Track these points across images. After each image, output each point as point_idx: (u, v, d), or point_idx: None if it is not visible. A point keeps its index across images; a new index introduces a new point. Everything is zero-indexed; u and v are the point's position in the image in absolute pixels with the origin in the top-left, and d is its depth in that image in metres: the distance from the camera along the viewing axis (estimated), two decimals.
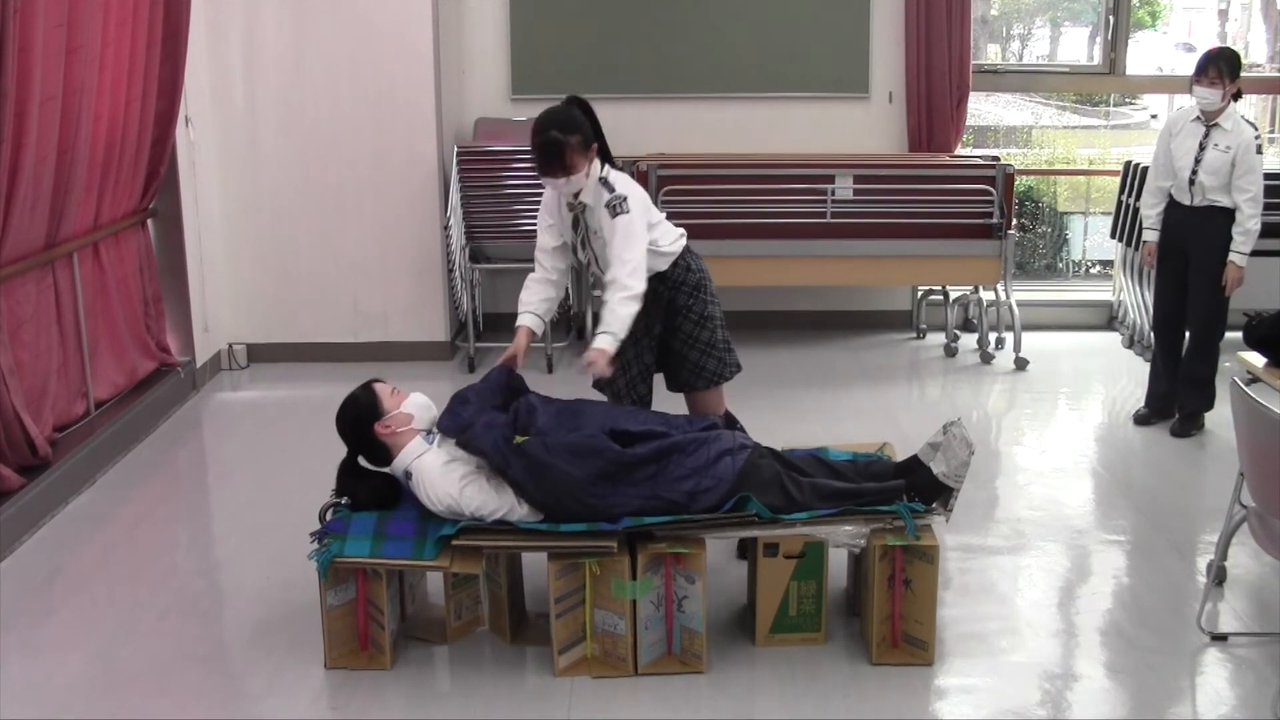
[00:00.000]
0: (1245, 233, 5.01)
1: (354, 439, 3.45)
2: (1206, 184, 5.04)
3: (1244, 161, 4.97)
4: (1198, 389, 5.27)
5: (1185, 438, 5.22)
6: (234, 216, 6.28)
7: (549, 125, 3.64)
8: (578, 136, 3.63)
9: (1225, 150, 4.99)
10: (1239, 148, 4.97)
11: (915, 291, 7.02)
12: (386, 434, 3.40)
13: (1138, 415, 5.44)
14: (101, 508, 4.60)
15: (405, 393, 3.50)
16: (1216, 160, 5.01)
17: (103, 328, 5.22)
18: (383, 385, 3.49)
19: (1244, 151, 4.97)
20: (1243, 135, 4.99)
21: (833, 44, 6.77)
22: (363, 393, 3.47)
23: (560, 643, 3.34)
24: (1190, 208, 5.11)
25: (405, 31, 6.13)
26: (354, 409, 3.44)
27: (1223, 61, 4.94)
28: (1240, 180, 4.97)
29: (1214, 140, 5.02)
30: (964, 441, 3.39)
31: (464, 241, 6.22)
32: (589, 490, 3.25)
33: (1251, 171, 4.98)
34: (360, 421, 3.41)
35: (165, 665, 3.43)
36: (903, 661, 3.38)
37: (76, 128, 4.63)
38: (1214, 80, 4.94)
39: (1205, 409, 5.30)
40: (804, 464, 3.52)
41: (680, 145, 6.74)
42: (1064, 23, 8.10)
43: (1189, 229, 5.14)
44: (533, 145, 3.66)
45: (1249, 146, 4.98)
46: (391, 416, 3.41)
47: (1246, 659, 3.43)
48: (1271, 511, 3.21)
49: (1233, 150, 4.98)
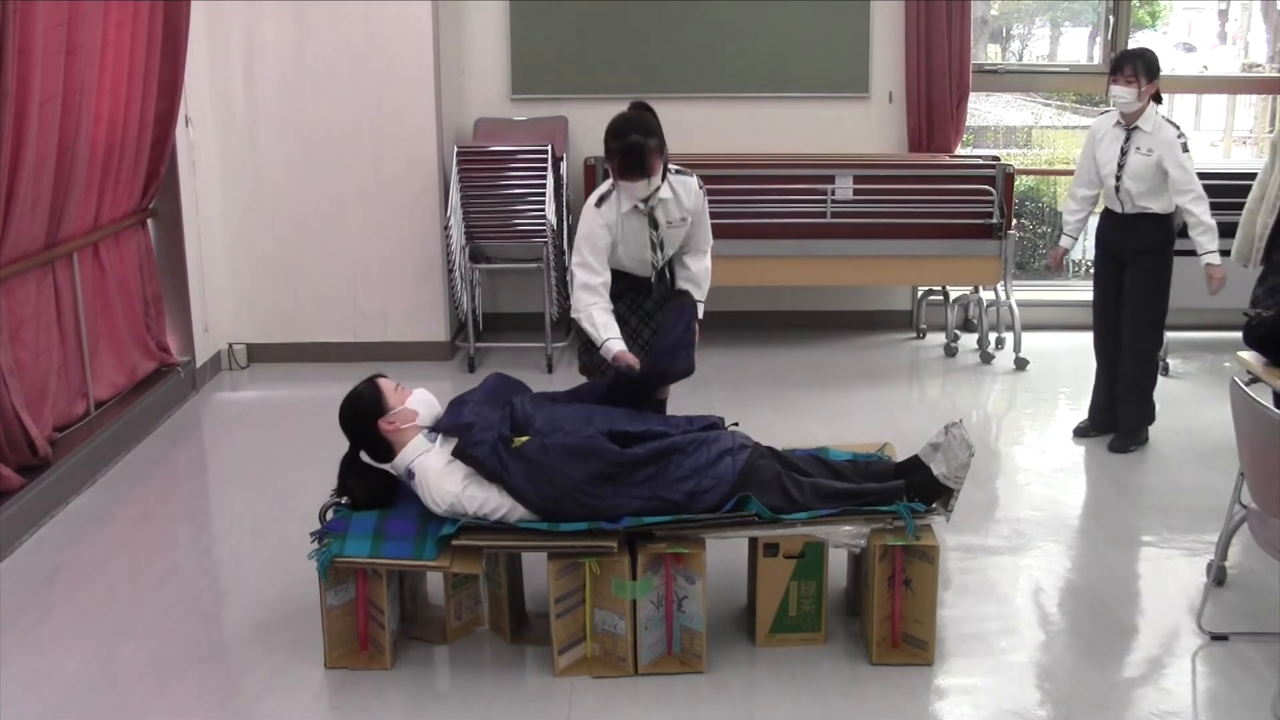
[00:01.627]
0: (1206, 230, 4.83)
1: (357, 434, 3.45)
2: (1133, 190, 4.85)
3: (1172, 162, 4.79)
4: (1137, 402, 5.09)
5: (1124, 453, 5.05)
6: (234, 216, 6.28)
7: (629, 130, 3.69)
8: (655, 140, 3.71)
9: (1148, 153, 4.81)
10: (1162, 148, 4.79)
11: (915, 291, 7.02)
12: (390, 430, 3.40)
13: (1077, 428, 5.27)
14: (101, 508, 4.60)
15: (409, 389, 3.49)
16: (1140, 164, 4.82)
17: (103, 328, 5.22)
18: (386, 381, 3.49)
19: (1168, 151, 4.79)
20: (1164, 135, 4.81)
21: (833, 44, 6.76)
22: (367, 388, 3.46)
23: (560, 643, 3.34)
24: (1122, 215, 4.94)
25: (405, 31, 6.13)
26: (358, 404, 3.44)
27: (1139, 61, 4.77)
28: (1177, 184, 4.80)
29: (1135, 143, 4.84)
30: (964, 444, 3.39)
31: (464, 241, 6.22)
32: (589, 491, 3.25)
33: (1184, 171, 4.79)
34: (364, 417, 3.41)
35: (165, 665, 3.43)
36: (903, 661, 3.38)
37: (76, 128, 4.63)
38: (1129, 79, 4.76)
39: (1146, 422, 5.13)
40: (804, 464, 3.52)
41: (680, 145, 6.67)
42: (1064, 23, 8.10)
43: (1122, 237, 4.98)
44: (613, 151, 3.71)
45: (1173, 145, 4.79)
46: (396, 413, 3.40)
47: (1246, 659, 3.43)
48: (1271, 511, 3.21)
49: (1156, 153, 4.80)
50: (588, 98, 6.72)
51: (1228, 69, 8.17)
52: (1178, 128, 4.88)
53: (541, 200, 6.13)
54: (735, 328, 6.70)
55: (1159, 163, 4.82)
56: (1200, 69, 8.24)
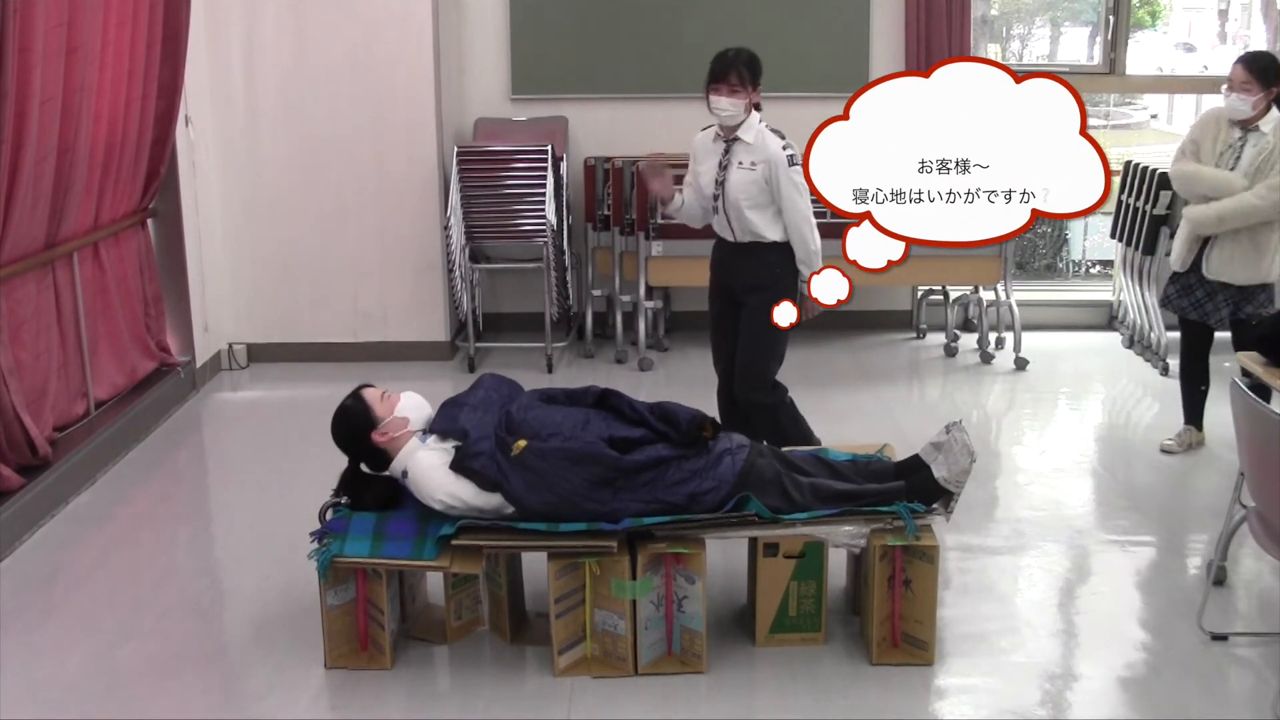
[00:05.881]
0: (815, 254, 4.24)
1: (353, 450, 3.44)
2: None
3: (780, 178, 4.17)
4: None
5: None
6: (234, 216, 6.28)
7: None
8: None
9: (751, 167, 4.22)
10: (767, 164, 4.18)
11: (915, 291, 7.02)
12: (384, 441, 3.39)
13: None
14: (101, 508, 4.60)
15: (396, 394, 3.46)
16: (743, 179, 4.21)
17: (103, 328, 5.22)
18: (372, 391, 3.46)
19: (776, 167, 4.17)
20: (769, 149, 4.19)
21: (833, 44, 6.76)
22: (353, 403, 3.43)
23: (560, 643, 3.34)
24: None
25: (405, 31, 6.13)
26: (348, 421, 3.41)
27: (743, 65, 4.17)
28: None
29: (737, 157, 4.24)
30: (966, 449, 3.38)
31: (464, 241, 6.22)
32: (589, 496, 3.24)
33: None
34: (356, 433, 3.40)
35: (165, 665, 3.43)
36: (903, 661, 3.38)
37: (76, 128, 4.63)
38: (735, 89, 4.15)
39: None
40: (805, 463, 3.52)
41: (680, 145, 6.69)
42: (1064, 23, 8.09)
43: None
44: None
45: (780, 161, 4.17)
46: (387, 423, 3.39)
47: (1246, 659, 3.43)
48: (1271, 511, 3.21)
49: (759, 167, 4.20)
50: (588, 98, 6.73)
51: (1228, 69, 8.17)
52: (782, 137, 4.25)
53: (541, 200, 6.13)
54: None
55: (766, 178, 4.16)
56: (1200, 69, 8.24)
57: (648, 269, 6.24)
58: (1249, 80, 4.63)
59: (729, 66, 4.15)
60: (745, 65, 4.17)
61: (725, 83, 4.15)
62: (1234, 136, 4.73)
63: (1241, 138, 4.70)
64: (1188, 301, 4.88)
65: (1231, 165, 4.70)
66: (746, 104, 4.20)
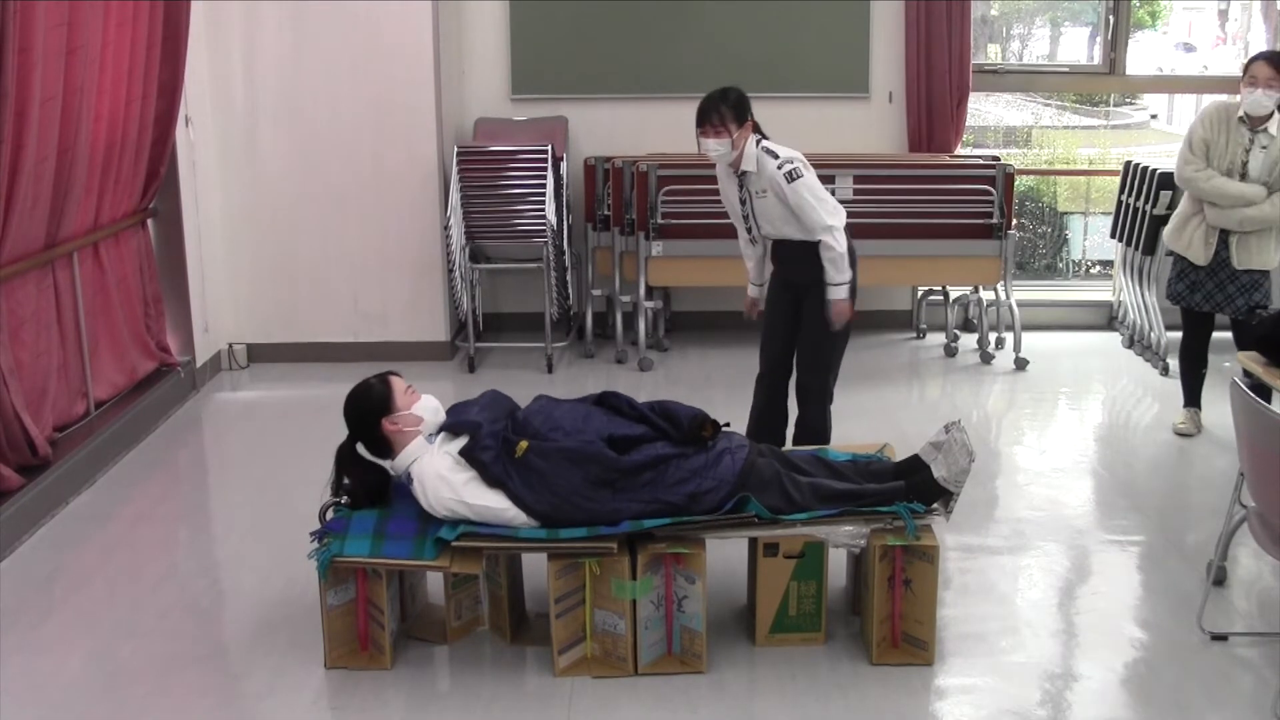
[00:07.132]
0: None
1: (359, 427, 3.43)
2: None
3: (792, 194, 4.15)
4: None
5: None
6: (234, 216, 6.28)
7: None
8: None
9: (762, 194, 4.27)
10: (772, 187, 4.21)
11: (915, 291, 7.02)
12: (393, 431, 3.39)
13: None
14: (101, 508, 4.60)
15: (419, 393, 3.46)
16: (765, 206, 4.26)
17: (103, 328, 5.22)
18: (399, 380, 3.46)
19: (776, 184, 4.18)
20: (766, 172, 4.20)
21: (833, 44, 6.77)
22: (378, 384, 3.44)
23: (560, 643, 3.34)
24: None
25: (405, 31, 6.13)
26: (366, 399, 3.41)
27: (724, 105, 4.16)
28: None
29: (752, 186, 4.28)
30: (965, 449, 3.39)
31: (464, 241, 6.22)
32: (589, 495, 3.25)
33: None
34: (370, 413, 3.40)
35: (165, 665, 3.43)
36: (903, 661, 3.38)
37: (76, 128, 4.63)
38: (719, 130, 4.17)
39: None
40: (804, 463, 3.52)
41: (680, 145, 6.72)
42: (1064, 23, 8.09)
43: None
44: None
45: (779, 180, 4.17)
46: (401, 416, 3.39)
47: (1246, 659, 3.43)
48: (1271, 511, 3.21)
49: (769, 191, 4.23)
50: (588, 98, 6.73)
51: (1228, 69, 8.16)
52: (777, 156, 4.21)
53: (541, 200, 6.13)
54: (735, 328, 6.69)
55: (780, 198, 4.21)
56: (1200, 69, 8.24)
57: (648, 269, 6.24)
58: (1274, 76, 4.72)
59: (709, 108, 4.21)
60: (726, 105, 4.19)
61: (709, 124, 4.20)
62: (1244, 137, 4.80)
63: (1251, 138, 4.77)
64: (1200, 295, 5.00)
65: (1243, 165, 4.78)
66: (734, 140, 4.21)
